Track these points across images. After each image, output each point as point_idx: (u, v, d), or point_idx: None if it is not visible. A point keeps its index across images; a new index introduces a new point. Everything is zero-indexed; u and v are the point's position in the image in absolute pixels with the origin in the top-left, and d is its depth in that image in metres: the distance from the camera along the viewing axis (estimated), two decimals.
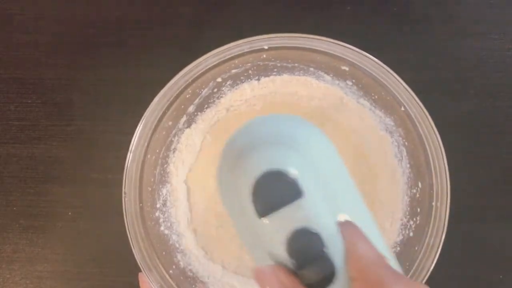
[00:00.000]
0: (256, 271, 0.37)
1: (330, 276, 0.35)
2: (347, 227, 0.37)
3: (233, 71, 0.60)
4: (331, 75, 0.60)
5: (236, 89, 0.62)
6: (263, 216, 0.36)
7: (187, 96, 0.59)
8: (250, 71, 0.61)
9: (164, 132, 0.59)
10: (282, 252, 0.36)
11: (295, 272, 0.36)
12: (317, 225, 0.36)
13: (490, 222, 0.62)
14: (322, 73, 0.60)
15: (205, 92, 0.60)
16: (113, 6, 0.69)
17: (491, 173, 0.63)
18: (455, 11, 0.68)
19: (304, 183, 0.36)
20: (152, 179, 0.59)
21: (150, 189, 0.58)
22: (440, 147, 0.54)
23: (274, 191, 0.36)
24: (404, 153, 0.59)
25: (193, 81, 0.58)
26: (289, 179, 0.36)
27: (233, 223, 0.43)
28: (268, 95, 0.63)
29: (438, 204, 0.53)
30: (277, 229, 0.36)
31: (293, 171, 0.36)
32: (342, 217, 0.38)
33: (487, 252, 0.61)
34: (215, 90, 0.61)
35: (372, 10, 0.67)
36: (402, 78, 0.55)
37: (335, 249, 0.36)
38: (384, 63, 0.56)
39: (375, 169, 0.61)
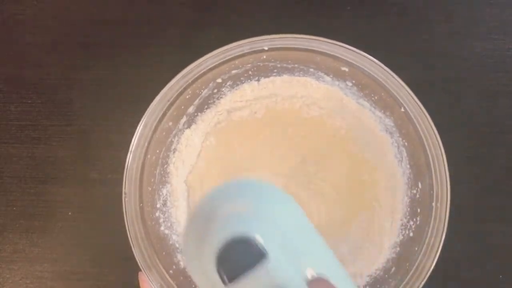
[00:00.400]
0: None
1: None
2: (319, 284, 0.37)
3: (233, 71, 0.60)
4: (331, 76, 0.60)
5: (236, 89, 0.62)
6: (229, 282, 0.36)
7: (187, 97, 0.59)
8: (250, 72, 0.61)
9: (164, 133, 0.59)
10: None
11: None
12: (285, 285, 0.36)
13: (490, 222, 0.62)
14: (322, 74, 0.60)
15: (205, 92, 0.60)
16: (113, 7, 0.69)
17: (491, 173, 0.63)
18: (455, 11, 0.68)
19: (268, 245, 0.36)
20: (152, 179, 0.59)
21: (150, 189, 0.58)
22: (440, 148, 0.54)
23: (236, 257, 0.36)
24: (404, 154, 0.59)
25: (193, 81, 0.58)
26: (252, 243, 0.36)
27: None
28: (269, 98, 0.63)
29: (438, 204, 0.53)
30: None
31: (255, 235, 0.36)
32: (310, 272, 0.38)
33: (487, 252, 0.61)
34: (215, 90, 0.61)
35: (372, 10, 0.67)
36: (402, 78, 0.55)
37: None
38: (384, 63, 0.56)
39: (375, 170, 0.61)
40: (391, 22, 0.67)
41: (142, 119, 0.56)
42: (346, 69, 0.58)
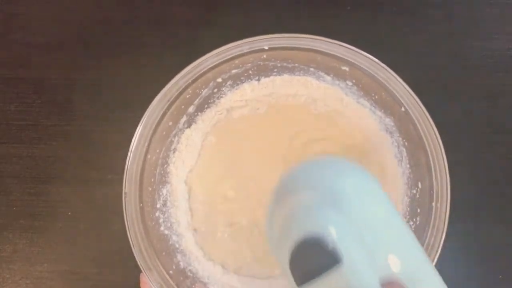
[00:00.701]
0: None
1: None
2: (392, 286, 0.36)
3: (233, 71, 0.60)
4: (331, 76, 0.60)
5: (236, 89, 0.62)
6: (301, 284, 0.35)
7: (187, 96, 0.59)
8: (250, 71, 0.61)
9: (164, 132, 0.59)
10: None
11: None
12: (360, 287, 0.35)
13: (490, 222, 0.62)
14: (322, 74, 0.60)
15: (205, 92, 0.60)
16: (113, 7, 0.69)
17: (491, 173, 0.63)
18: (455, 11, 0.68)
19: (344, 245, 0.35)
20: (152, 179, 0.59)
21: (150, 189, 0.58)
22: (440, 148, 0.54)
23: (311, 258, 0.35)
24: (404, 154, 0.59)
25: (193, 81, 0.58)
26: (328, 244, 0.35)
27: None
28: (269, 96, 0.63)
29: (438, 204, 0.53)
30: None
31: (332, 232, 0.36)
32: (389, 264, 0.37)
33: (487, 252, 0.61)
34: (215, 90, 0.61)
35: (372, 10, 0.68)
36: (402, 78, 0.55)
37: None
38: (384, 63, 0.56)
39: (375, 170, 0.61)
40: (391, 22, 0.67)
41: (142, 118, 0.56)
42: (347, 69, 0.58)
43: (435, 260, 0.52)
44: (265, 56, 0.58)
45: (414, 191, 0.57)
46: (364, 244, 0.37)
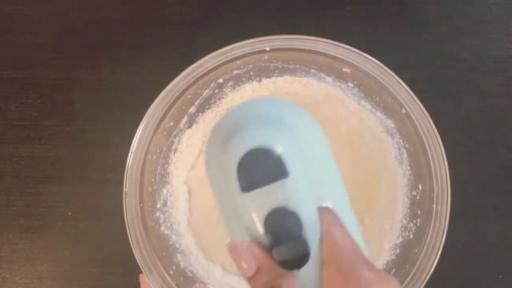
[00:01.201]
0: (231, 245, 0.37)
1: (304, 257, 0.36)
2: (326, 212, 0.37)
3: (235, 72, 0.60)
4: (333, 77, 0.60)
5: (237, 90, 0.62)
6: (246, 191, 0.36)
7: (188, 97, 0.59)
8: (251, 72, 0.61)
9: (165, 133, 0.59)
10: (259, 229, 0.36)
11: (270, 250, 0.36)
12: (298, 206, 0.36)
13: (490, 222, 0.62)
14: (324, 75, 0.60)
15: (206, 93, 0.60)
16: (113, 7, 0.69)
17: (491, 173, 0.63)
18: (455, 11, 0.68)
19: (290, 164, 0.36)
20: (152, 179, 0.59)
21: (150, 189, 0.58)
22: (441, 150, 0.54)
23: (260, 168, 0.36)
24: (405, 155, 0.59)
25: (195, 82, 0.58)
26: (276, 158, 0.36)
27: (216, 200, 0.42)
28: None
29: (439, 206, 0.53)
30: (258, 205, 0.36)
31: (279, 150, 0.36)
32: (324, 204, 0.38)
33: (487, 252, 0.61)
34: (216, 91, 0.61)
35: (372, 10, 0.67)
36: (402, 78, 0.55)
37: (312, 231, 0.36)
38: (384, 63, 0.56)
39: (376, 171, 0.61)
40: (391, 22, 0.67)
41: (143, 119, 0.56)
42: (348, 70, 0.58)
43: (435, 262, 0.52)
44: (266, 57, 0.58)
45: (415, 193, 0.57)
46: (305, 171, 0.38)
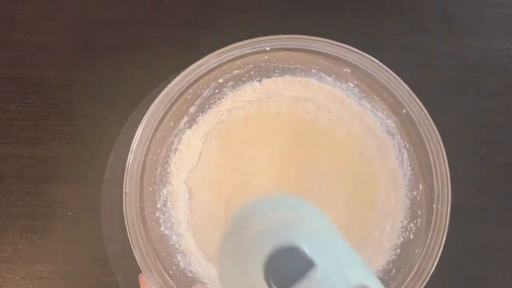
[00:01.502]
0: None
1: None
2: None
3: (235, 72, 0.60)
4: (333, 77, 0.60)
5: (237, 90, 0.62)
6: None
7: (189, 97, 0.59)
8: (251, 72, 0.61)
9: (165, 133, 0.59)
10: None
11: None
12: None
13: (490, 222, 0.62)
14: (324, 75, 0.60)
15: (206, 93, 0.60)
16: (113, 7, 0.69)
17: (491, 173, 0.63)
18: (455, 11, 0.68)
19: (314, 254, 0.36)
20: (153, 180, 0.59)
21: (150, 189, 0.58)
22: (441, 150, 0.54)
23: (286, 266, 0.36)
24: (405, 156, 0.59)
25: (195, 81, 0.58)
26: (300, 252, 0.36)
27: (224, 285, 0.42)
28: (270, 99, 0.63)
29: (439, 207, 0.53)
30: None
31: (302, 244, 0.36)
32: (353, 281, 0.38)
33: (487, 252, 0.61)
34: (217, 91, 0.61)
35: (372, 10, 0.67)
36: (402, 78, 0.55)
37: None
38: (384, 63, 0.56)
39: (376, 172, 0.61)
40: (391, 22, 0.67)
41: (143, 118, 0.56)
42: (348, 70, 0.58)
43: (435, 262, 0.52)
44: (266, 57, 0.58)
45: (415, 193, 0.57)
46: (330, 257, 0.38)
